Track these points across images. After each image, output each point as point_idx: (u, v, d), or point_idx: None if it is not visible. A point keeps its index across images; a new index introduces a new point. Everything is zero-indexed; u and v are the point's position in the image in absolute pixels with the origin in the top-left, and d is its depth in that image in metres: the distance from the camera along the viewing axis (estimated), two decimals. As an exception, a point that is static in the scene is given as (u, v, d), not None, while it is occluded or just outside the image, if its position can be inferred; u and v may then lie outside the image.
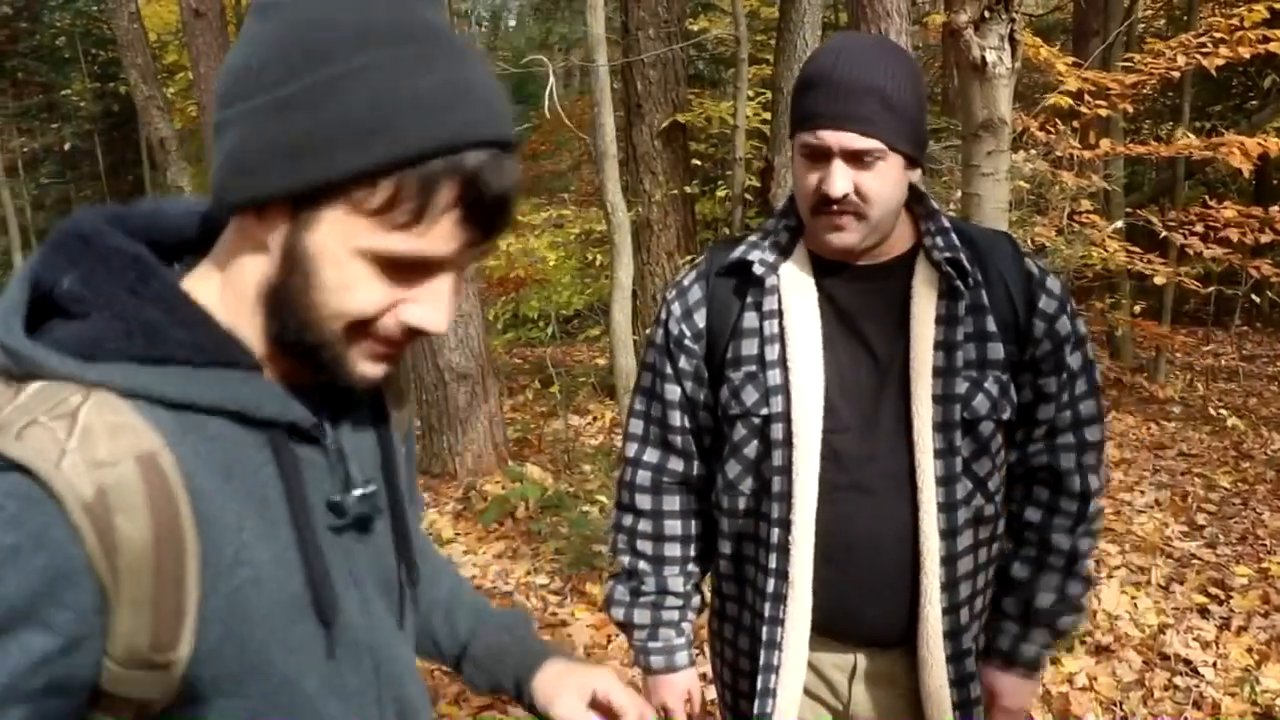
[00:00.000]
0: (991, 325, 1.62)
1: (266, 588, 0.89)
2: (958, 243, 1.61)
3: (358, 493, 0.99)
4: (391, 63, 0.81)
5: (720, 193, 9.01)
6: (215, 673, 0.87)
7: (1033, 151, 6.23)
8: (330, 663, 0.97)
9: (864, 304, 1.66)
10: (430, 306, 0.89)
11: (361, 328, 0.89)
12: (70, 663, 0.81)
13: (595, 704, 1.29)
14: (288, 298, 0.88)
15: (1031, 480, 1.75)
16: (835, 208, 1.55)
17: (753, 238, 1.72)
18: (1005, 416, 1.64)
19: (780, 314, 1.65)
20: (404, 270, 0.87)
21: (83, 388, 0.82)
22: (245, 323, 0.91)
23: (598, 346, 9.99)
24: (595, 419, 7.81)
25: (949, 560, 1.62)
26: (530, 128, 14.56)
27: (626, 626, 1.84)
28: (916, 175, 1.62)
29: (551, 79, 5.79)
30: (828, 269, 1.67)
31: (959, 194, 5.22)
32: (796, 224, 1.69)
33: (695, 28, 9.55)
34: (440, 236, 0.85)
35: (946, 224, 1.64)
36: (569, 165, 15.47)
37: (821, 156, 1.55)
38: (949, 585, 1.63)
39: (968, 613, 1.66)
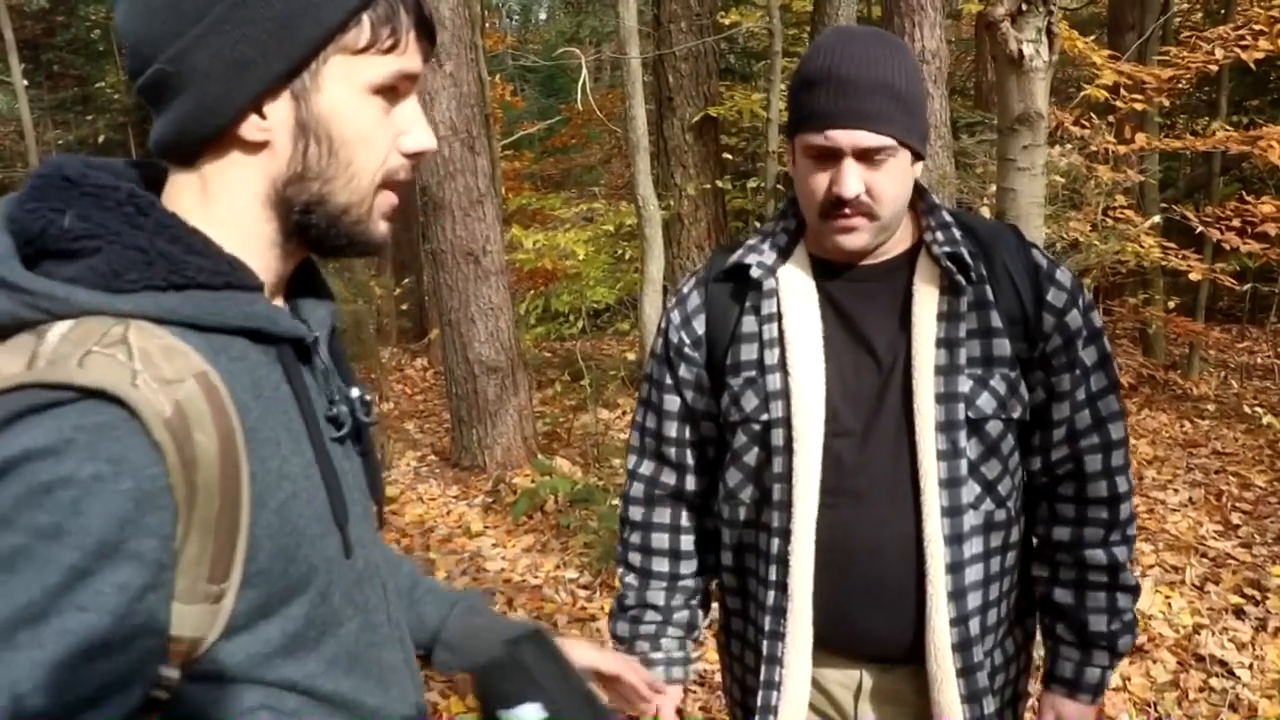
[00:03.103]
0: (997, 321, 1.56)
1: (302, 500, 0.92)
2: (959, 236, 1.56)
3: (366, 396, 1.06)
4: None
5: (752, 183, 8.97)
6: (266, 593, 0.88)
7: (1068, 146, 6.17)
8: (353, 577, 1.00)
9: (865, 305, 1.61)
10: (420, 128, 0.99)
11: (383, 178, 0.97)
12: (158, 597, 0.80)
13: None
14: (309, 173, 0.93)
15: (1054, 495, 1.68)
16: (847, 210, 1.51)
17: (751, 241, 1.68)
18: (1016, 416, 1.58)
19: (779, 317, 1.61)
20: (391, 98, 0.96)
21: (118, 319, 0.82)
22: (243, 246, 0.94)
23: (627, 340, 10.00)
24: (625, 412, 7.82)
25: (955, 568, 1.55)
26: (561, 121, 14.57)
27: (613, 639, 1.82)
28: (919, 168, 1.59)
29: (585, 72, 5.79)
30: (828, 270, 1.63)
31: (993, 188, 5.17)
32: (796, 226, 1.66)
33: (726, 21, 9.50)
34: (413, 52, 0.96)
35: (948, 218, 1.60)
36: (599, 159, 15.46)
37: (831, 157, 1.50)
38: (956, 594, 1.56)
39: (978, 625, 1.59)
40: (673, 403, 1.72)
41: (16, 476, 0.73)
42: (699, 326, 1.69)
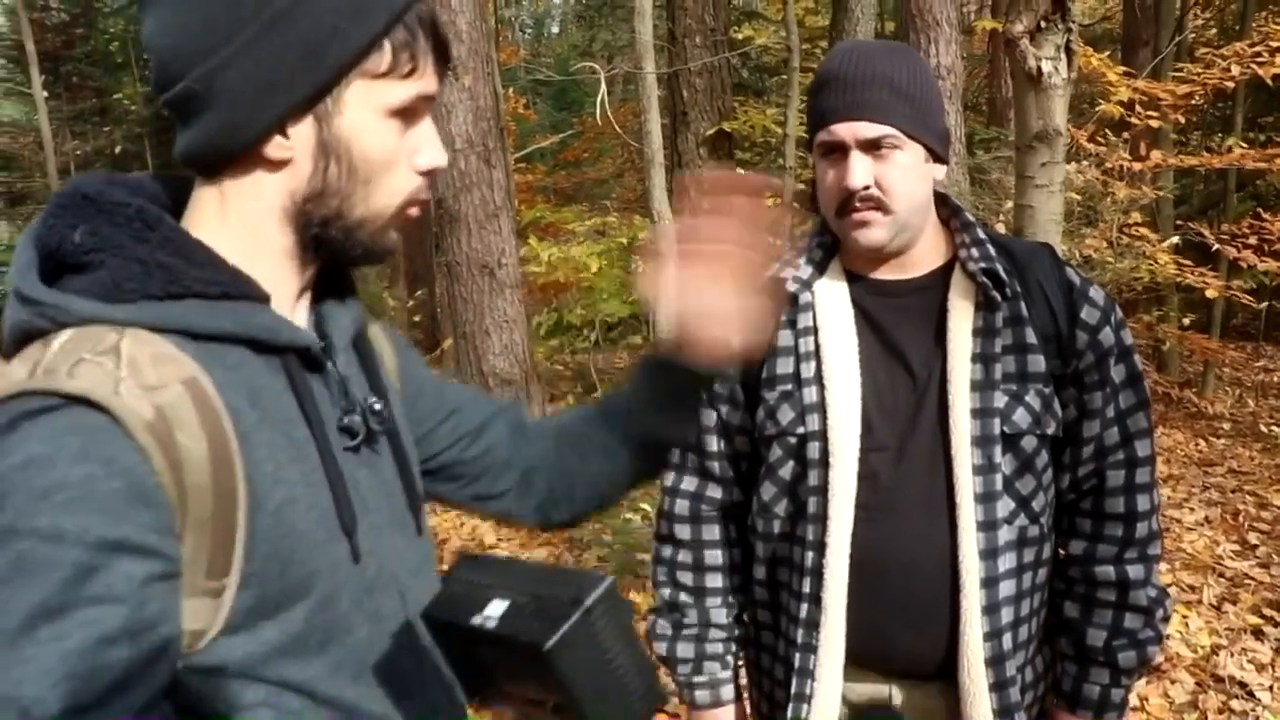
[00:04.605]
0: (1031, 337, 1.56)
1: (301, 506, 0.93)
2: (994, 253, 1.57)
3: (376, 405, 1.06)
4: None
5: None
6: (261, 594, 0.90)
7: (1085, 163, 6.16)
8: (363, 584, 1.00)
9: (900, 319, 1.62)
10: (433, 147, 1.02)
11: (406, 198, 1.01)
12: (168, 586, 0.83)
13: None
14: (328, 190, 0.97)
15: (1075, 510, 1.66)
16: (858, 203, 1.53)
17: (786, 255, 1.69)
18: (1050, 431, 1.58)
19: (816, 331, 1.62)
20: (408, 119, 0.99)
21: (114, 327, 0.87)
22: (258, 257, 0.98)
23: (640, 354, 9.99)
24: (637, 426, 7.80)
25: (989, 583, 1.55)
26: (574, 134, 14.61)
27: (669, 661, 1.77)
28: (942, 172, 1.60)
29: (604, 87, 5.80)
30: (863, 285, 1.64)
31: (1009, 205, 5.16)
32: (831, 241, 1.67)
33: (740, 36, 9.53)
34: (430, 75, 0.99)
35: (982, 235, 1.60)
36: (612, 173, 15.49)
37: (838, 152, 1.54)
38: (990, 609, 1.55)
39: (1010, 640, 1.58)
40: (710, 417, 1.72)
41: (20, 484, 0.78)
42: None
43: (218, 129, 0.93)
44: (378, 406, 1.07)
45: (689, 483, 1.76)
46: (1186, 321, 8.59)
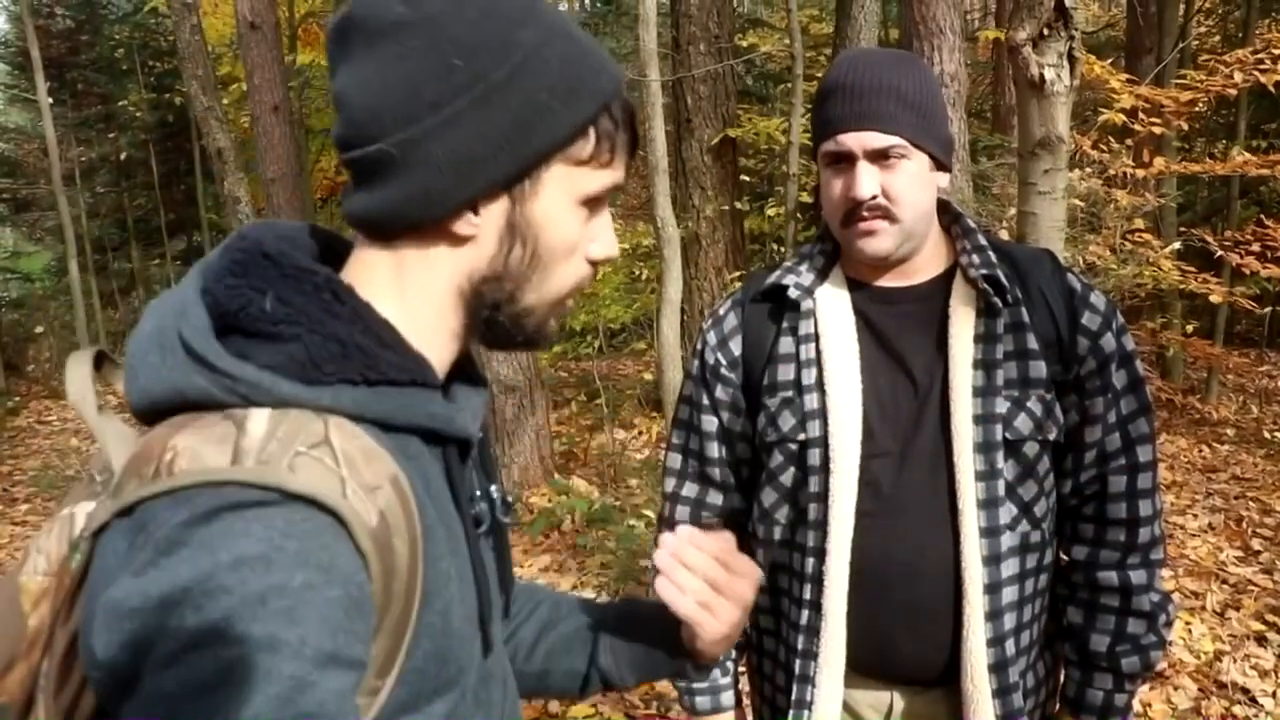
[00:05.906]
0: (1033, 343, 1.57)
1: (462, 602, 0.90)
2: (995, 259, 1.58)
3: (495, 493, 1.03)
4: (552, 30, 0.89)
5: (771, 210, 8.99)
6: (416, 690, 0.86)
7: (1087, 170, 6.17)
8: (483, 674, 0.97)
9: (901, 326, 1.63)
10: (609, 237, 0.99)
11: (572, 287, 0.97)
12: (355, 695, 0.78)
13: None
14: (507, 274, 0.92)
15: (1077, 515, 1.66)
16: (865, 212, 1.53)
17: (788, 262, 1.70)
18: (1051, 437, 1.58)
19: (817, 338, 1.63)
20: (593, 208, 0.95)
21: (316, 413, 0.81)
22: (433, 336, 0.94)
23: (643, 360, 10.01)
24: (641, 432, 7.82)
25: (992, 588, 1.55)
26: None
27: None
28: (945, 179, 1.60)
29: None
30: (864, 292, 1.65)
31: (1012, 212, 5.17)
32: (833, 248, 1.68)
33: (744, 43, 9.55)
34: (622, 165, 0.96)
35: (983, 241, 1.61)
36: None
37: (845, 161, 1.54)
38: (993, 615, 1.56)
39: (1013, 645, 1.59)
40: (711, 423, 1.72)
41: (231, 585, 0.71)
42: (735, 348, 1.70)
43: (409, 198, 0.87)
44: (496, 494, 1.04)
45: (690, 489, 1.76)
46: (1190, 328, 8.57)
